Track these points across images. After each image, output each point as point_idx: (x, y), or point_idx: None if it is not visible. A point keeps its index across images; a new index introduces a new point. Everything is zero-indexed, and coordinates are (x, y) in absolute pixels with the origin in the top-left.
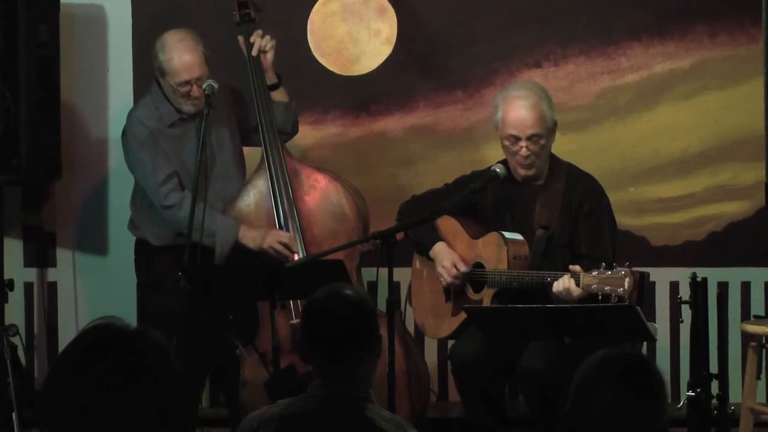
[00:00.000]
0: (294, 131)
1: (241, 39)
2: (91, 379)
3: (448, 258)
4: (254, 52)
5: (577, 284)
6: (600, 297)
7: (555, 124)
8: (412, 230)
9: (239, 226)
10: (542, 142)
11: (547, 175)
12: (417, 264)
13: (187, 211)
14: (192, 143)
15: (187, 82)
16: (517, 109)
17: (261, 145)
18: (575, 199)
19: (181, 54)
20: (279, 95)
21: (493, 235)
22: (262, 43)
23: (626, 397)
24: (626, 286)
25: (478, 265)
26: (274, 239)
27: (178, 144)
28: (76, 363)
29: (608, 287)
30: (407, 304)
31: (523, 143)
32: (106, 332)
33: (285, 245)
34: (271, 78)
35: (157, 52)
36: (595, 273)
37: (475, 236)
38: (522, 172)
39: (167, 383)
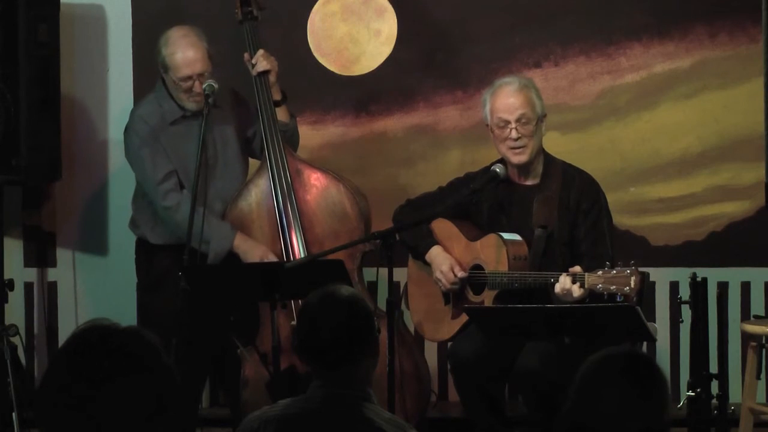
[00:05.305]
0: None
1: (246, 56)
2: (84, 379)
3: (445, 263)
4: (255, 71)
5: (582, 285)
6: (606, 296)
7: (544, 115)
8: (406, 235)
9: (234, 235)
10: (531, 126)
11: (543, 175)
12: (413, 267)
13: (185, 213)
14: (194, 142)
15: (189, 78)
16: (503, 95)
17: (254, 156)
18: (573, 196)
19: (184, 49)
20: (280, 114)
21: (491, 237)
22: (266, 64)
23: (629, 394)
24: (632, 285)
25: (478, 267)
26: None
27: (179, 142)
28: (69, 364)
29: (614, 286)
30: (405, 306)
31: (512, 125)
32: (96, 333)
33: None
34: (275, 94)
35: (160, 47)
36: (600, 272)
37: (473, 238)
38: (515, 159)
39: (159, 379)
